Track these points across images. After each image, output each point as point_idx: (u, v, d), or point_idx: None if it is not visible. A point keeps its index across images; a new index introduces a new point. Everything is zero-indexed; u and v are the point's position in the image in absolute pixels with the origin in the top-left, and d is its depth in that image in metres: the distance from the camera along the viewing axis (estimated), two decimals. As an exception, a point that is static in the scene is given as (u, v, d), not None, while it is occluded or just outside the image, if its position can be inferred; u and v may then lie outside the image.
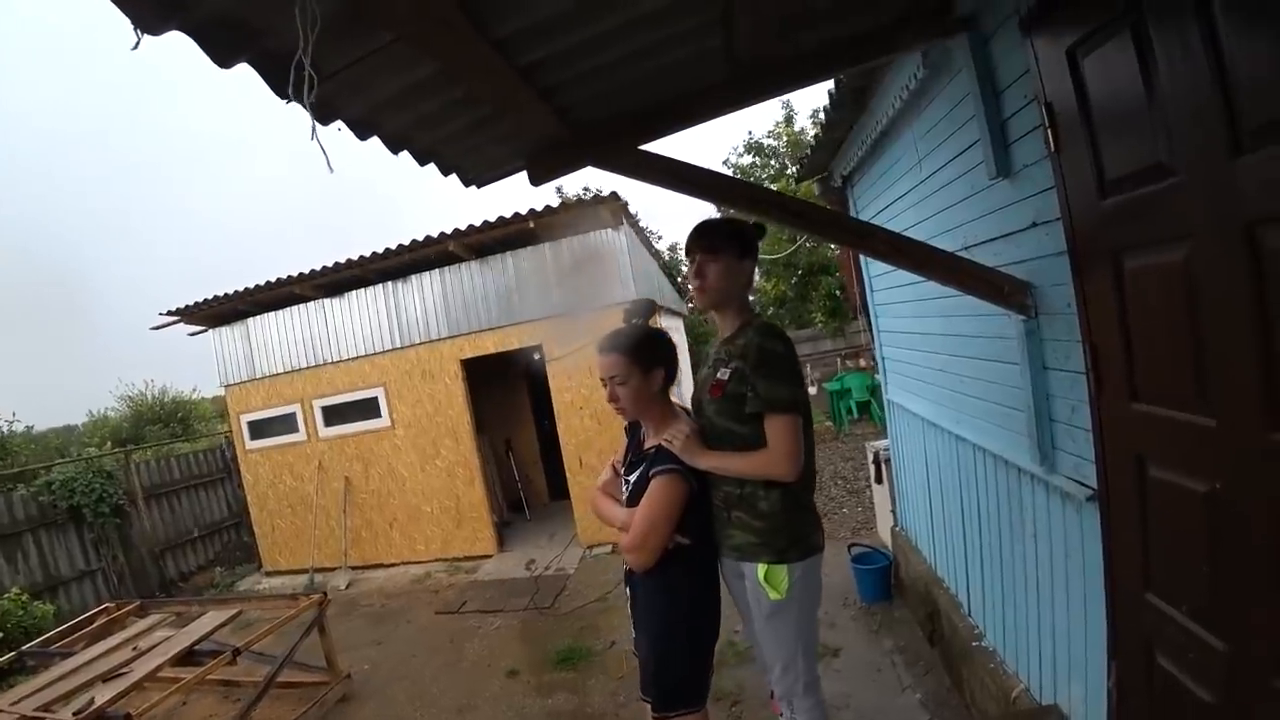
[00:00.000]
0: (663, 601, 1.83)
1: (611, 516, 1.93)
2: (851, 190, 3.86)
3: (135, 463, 7.66)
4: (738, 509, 1.78)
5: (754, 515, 1.75)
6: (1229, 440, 1.17)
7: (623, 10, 1.48)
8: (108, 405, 13.52)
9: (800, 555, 1.76)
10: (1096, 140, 1.41)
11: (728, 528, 1.82)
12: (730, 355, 1.80)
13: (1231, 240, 1.09)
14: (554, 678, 3.83)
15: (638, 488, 1.84)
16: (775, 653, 1.82)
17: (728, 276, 1.85)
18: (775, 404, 1.69)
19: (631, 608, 1.95)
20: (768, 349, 1.72)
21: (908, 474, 3.85)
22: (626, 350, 1.84)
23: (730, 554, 1.84)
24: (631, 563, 1.84)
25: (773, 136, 15.22)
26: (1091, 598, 1.72)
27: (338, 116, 1.53)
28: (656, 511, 1.75)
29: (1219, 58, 1.05)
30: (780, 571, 1.73)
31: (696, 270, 1.86)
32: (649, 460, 1.85)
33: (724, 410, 1.78)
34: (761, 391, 1.70)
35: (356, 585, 6.58)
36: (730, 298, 1.88)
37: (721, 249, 1.84)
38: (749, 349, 1.74)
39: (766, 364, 1.71)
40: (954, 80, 2.05)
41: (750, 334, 1.79)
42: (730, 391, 1.76)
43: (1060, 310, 1.69)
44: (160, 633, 3.77)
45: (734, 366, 1.76)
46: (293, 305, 7.13)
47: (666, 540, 1.76)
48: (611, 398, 1.87)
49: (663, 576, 1.80)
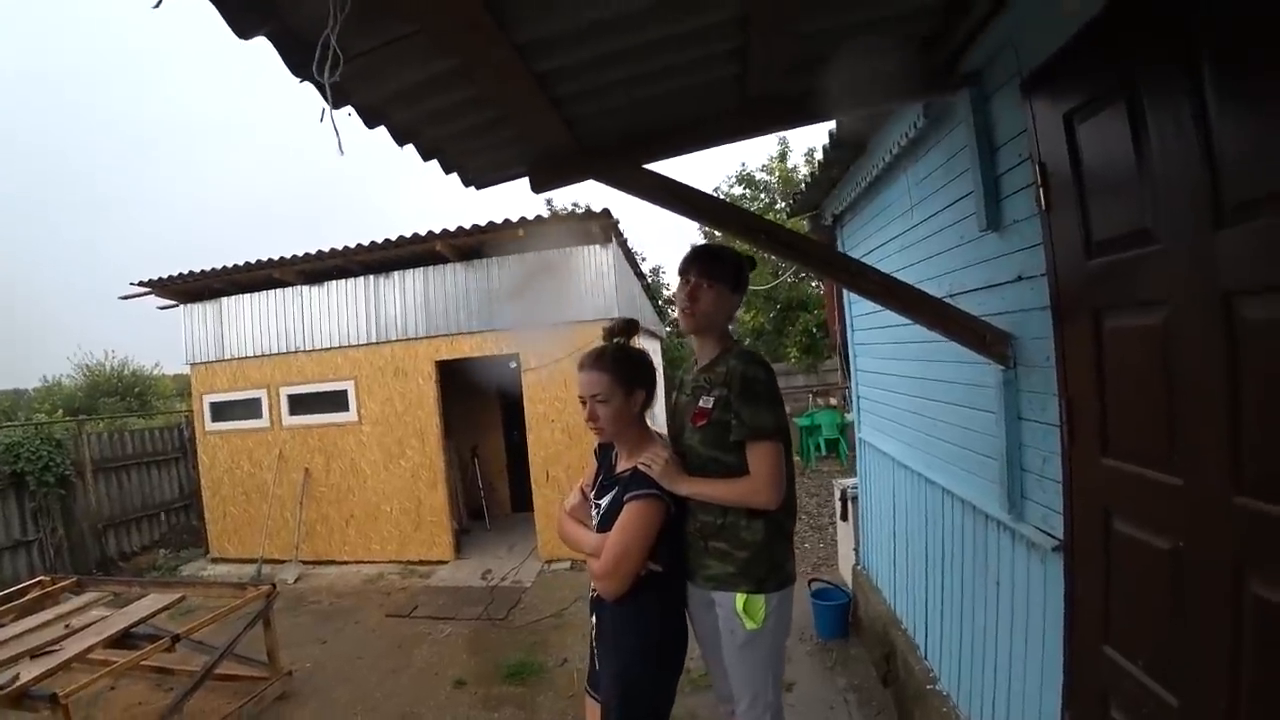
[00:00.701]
0: (632, 630, 1.76)
1: (580, 541, 1.86)
2: (841, 229, 3.94)
3: (88, 434, 7.39)
4: (716, 539, 1.75)
5: (736, 545, 1.72)
6: (1194, 500, 1.21)
7: (646, 31, 1.50)
8: (63, 372, 13.07)
9: (777, 585, 1.75)
10: (1086, 202, 1.47)
11: (703, 557, 1.78)
12: (712, 383, 1.79)
13: (1209, 308, 1.14)
14: (502, 691, 3.75)
15: (610, 512, 1.78)
16: (746, 683, 1.78)
17: (718, 305, 1.85)
18: (759, 431, 1.68)
19: (596, 636, 1.87)
20: (751, 375, 1.72)
21: (874, 513, 3.88)
22: (611, 369, 1.79)
23: (704, 584, 1.79)
24: (602, 590, 1.76)
25: (765, 171, 15.50)
26: (1050, 647, 1.75)
27: (349, 102, 1.53)
28: (631, 537, 1.69)
29: (1208, 135, 1.10)
30: (759, 601, 1.71)
31: (690, 293, 1.85)
32: (622, 484, 1.79)
33: (709, 438, 1.76)
34: (745, 418, 1.69)
35: (306, 580, 6.39)
36: (715, 326, 1.88)
37: (719, 277, 1.84)
38: (732, 376, 1.73)
39: (750, 390, 1.70)
40: (953, 132, 2.12)
41: (732, 361, 1.78)
42: (715, 419, 1.74)
43: (1039, 363, 1.74)
44: (96, 612, 3.62)
45: (717, 394, 1.75)
46: (270, 289, 7.01)
47: (640, 567, 1.70)
48: (591, 416, 1.81)
49: (633, 604, 1.73)
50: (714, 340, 1.89)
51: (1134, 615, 1.41)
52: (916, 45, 1.86)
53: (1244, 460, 1.10)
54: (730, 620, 1.74)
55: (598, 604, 1.84)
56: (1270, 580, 1.06)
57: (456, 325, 6.45)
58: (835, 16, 1.59)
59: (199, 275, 6.91)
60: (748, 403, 1.70)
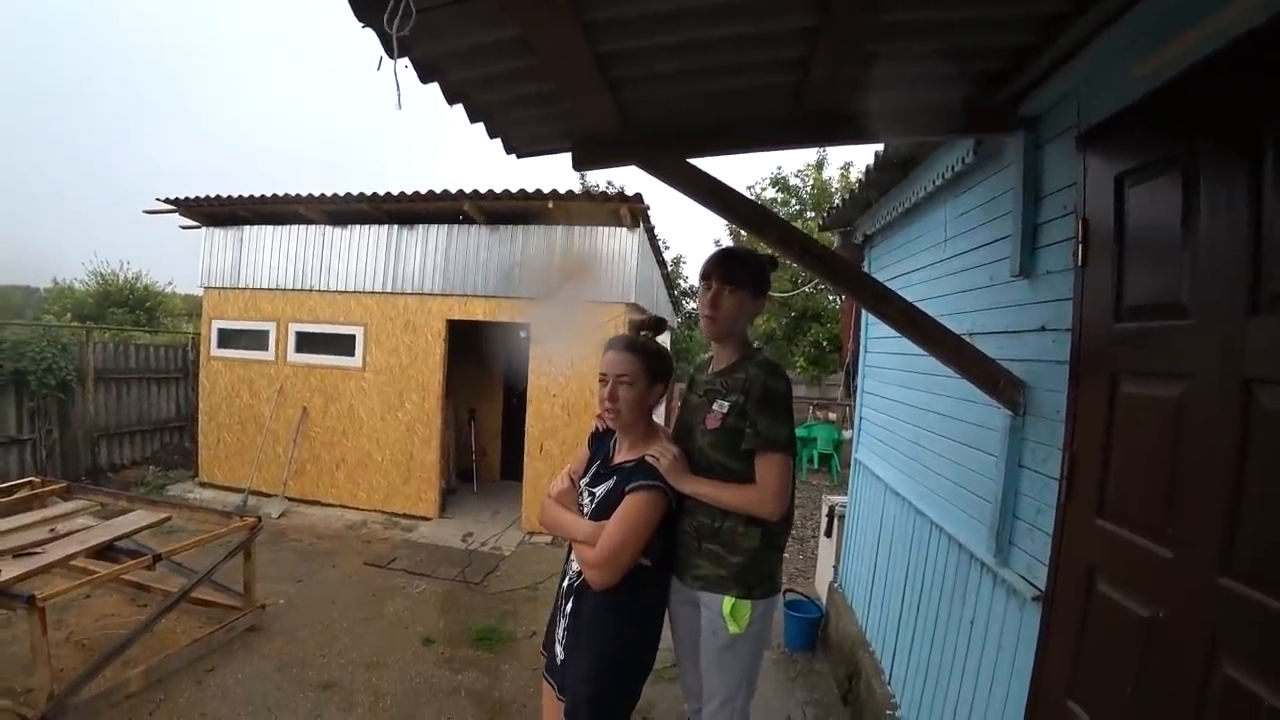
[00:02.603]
0: (612, 623, 1.74)
1: (570, 527, 1.82)
2: (870, 250, 3.93)
3: (94, 342, 7.44)
4: (711, 541, 1.76)
5: (731, 549, 1.73)
6: (1181, 575, 1.23)
7: (714, 27, 1.50)
8: (76, 277, 13.11)
9: (765, 593, 1.76)
10: (1123, 265, 1.47)
11: (695, 557, 1.78)
12: (728, 388, 1.79)
13: (1228, 391, 1.15)
14: (468, 654, 3.81)
15: (607, 501, 1.77)
16: (719, 685, 1.79)
17: (740, 311, 1.84)
18: (773, 443, 1.69)
19: (568, 627, 1.82)
20: (772, 387, 1.72)
21: (859, 534, 3.91)
22: (641, 355, 1.81)
23: (693, 583, 1.79)
24: (593, 579, 1.71)
25: (800, 178, 15.40)
26: (1014, 694, 1.78)
27: (407, 54, 1.53)
28: (631, 527, 1.68)
29: (1259, 218, 1.11)
30: (745, 607, 1.72)
31: (712, 299, 1.83)
32: (624, 473, 1.78)
33: (719, 443, 1.76)
34: (761, 429, 1.69)
35: (289, 517, 6.47)
36: (736, 330, 1.88)
37: (742, 282, 1.83)
38: (753, 384, 1.73)
39: (769, 402, 1.71)
40: (1000, 174, 2.11)
41: (752, 368, 1.77)
42: (729, 425, 1.74)
43: (1048, 415, 1.75)
44: (82, 520, 3.67)
45: (733, 400, 1.75)
46: (293, 224, 7.03)
47: (634, 559, 1.70)
48: (611, 397, 1.78)
49: (617, 597, 1.71)
50: (733, 344, 1.89)
51: (1103, 676, 1.43)
52: (981, 82, 1.84)
53: (1237, 544, 1.11)
54: (714, 622, 1.75)
55: (577, 593, 1.80)
56: (1243, 664, 1.08)
57: (473, 287, 6.46)
58: (906, 43, 1.59)
59: (225, 200, 6.93)
60: (765, 413, 1.70)
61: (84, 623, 3.79)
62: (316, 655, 3.68)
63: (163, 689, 3.21)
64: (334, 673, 3.50)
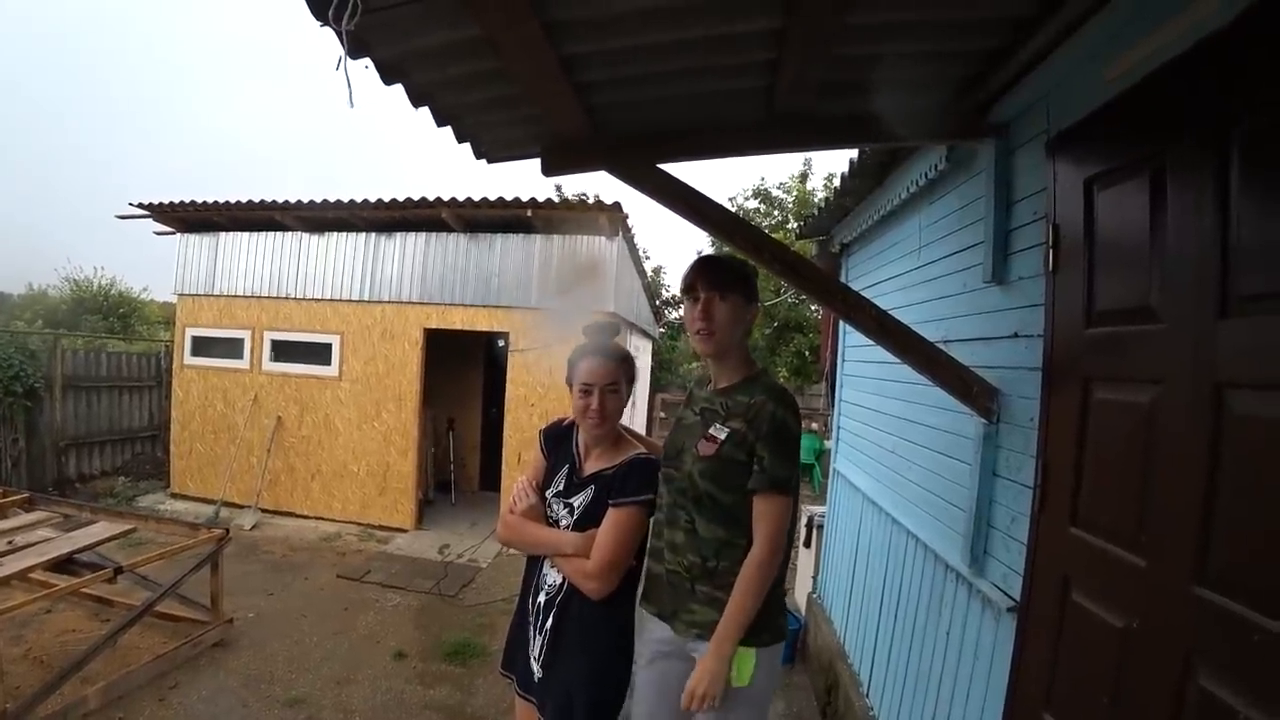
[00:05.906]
0: (605, 629, 1.73)
1: (555, 542, 1.75)
2: (848, 259, 3.93)
3: (63, 348, 7.26)
4: (704, 583, 1.58)
5: (729, 591, 1.53)
6: (1155, 583, 1.20)
7: (682, 29, 1.47)
8: (49, 283, 12.86)
9: (770, 640, 1.58)
10: (1094, 270, 1.46)
11: (687, 600, 1.61)
12: (729, 411, 1.61)
13: (1200, 396, 1.13)
14: (441, 669, 3.72)
15: (590, 512, 1.74)
16: None
17: (735, 319, 1.63)
18: (778, 483, 1.53)
19: (550, 642, 1.74)
20: (783, 421, 1.54)
21: (837, 545, 3.88)
22: (622, 364, 1.81)
23: (685, 631, 1.60)
24: (591, 590, 1.67)
25: (783, 190, 15.50)
26: (991, 705, 1.75)
27: (368, 54, 1.49)
28: (626, 536, 1.68)
29: (1226, 224, 1.09)
30: (749, 655, 1.52)
31: (703, 311, 1.61)
32: (603, 482, 1.75)
33: (711, 472, 1.57)
34: (768, 467, 1.52)
35: (262, 529, 6.32)
36: (735, 343, 1.67)
37: (731, 289, 1.62)
38: (762, 416, 1.54)
39: (780, 438, 1.54)
40: (971, 180, 2.11)
41: (761, 395, 1.57)
42: (724, 455, 1.56)
43: (1021, 422, 1.73)
44: (43, 532, 3.56)
45: (733, 428, 1.57)
46: (269, 231, 6.92)
47: (629, 564, 1.72)
48: (599, 405, 1.73)
49: (607, 605, 1.70)
50: (735, 361, 1.68)
51: (1078, 687, 1.41)
52: (951, 87, 1.84)
53: (1210, 552, 1.09)
54: None
55: (560, 607, 1.73)
56: (1218, 674, 1.06)
57: (451, 295, 6.39)
58: (875, 45, 1.57)
59: (200, 206, 6.82)
60: (774, 451, 1.53)
61: (43, 639, 3.66)
62: (285, 671, 3.57)
63: (122, 706, 3.10)
64: (302, 688, 3.40)
